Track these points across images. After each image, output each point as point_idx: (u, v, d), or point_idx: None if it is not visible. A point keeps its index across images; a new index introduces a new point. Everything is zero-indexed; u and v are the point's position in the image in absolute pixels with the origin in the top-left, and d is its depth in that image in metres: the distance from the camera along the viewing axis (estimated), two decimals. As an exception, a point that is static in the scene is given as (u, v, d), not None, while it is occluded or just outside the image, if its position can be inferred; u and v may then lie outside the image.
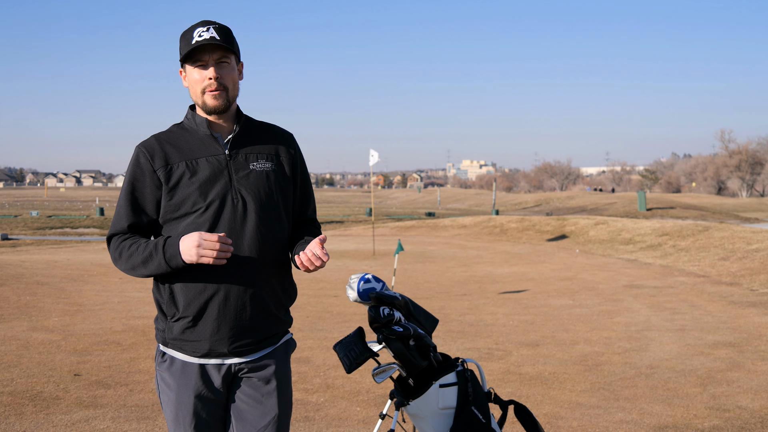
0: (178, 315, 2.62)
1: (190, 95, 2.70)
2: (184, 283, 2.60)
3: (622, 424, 5.33)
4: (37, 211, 49.50)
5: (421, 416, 3.24)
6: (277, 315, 2.73)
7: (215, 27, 2.63)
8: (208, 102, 2.65)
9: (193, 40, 2.60)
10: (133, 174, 2.66)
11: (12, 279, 13.08)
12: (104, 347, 7.68)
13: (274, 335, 2.75)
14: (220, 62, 2.64)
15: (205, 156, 2.66)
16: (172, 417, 2.69)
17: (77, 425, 5.14)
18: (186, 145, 2.68)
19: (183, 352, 2.65)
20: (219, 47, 2.62)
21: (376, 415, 5.48)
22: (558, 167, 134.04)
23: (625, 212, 49.34)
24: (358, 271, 3.51)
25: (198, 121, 2.70)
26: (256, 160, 2.71)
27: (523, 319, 9.77)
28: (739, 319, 9.58)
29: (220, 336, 2.61)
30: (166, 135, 2.72)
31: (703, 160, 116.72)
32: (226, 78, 2.65)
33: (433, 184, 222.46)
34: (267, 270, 2.67)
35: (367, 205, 73.33)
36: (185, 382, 2.64)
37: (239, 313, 2.61)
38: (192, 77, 2.66)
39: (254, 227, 2.64)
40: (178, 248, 2.52)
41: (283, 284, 2.75)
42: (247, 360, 2.68)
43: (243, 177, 2.67)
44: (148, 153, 2.65)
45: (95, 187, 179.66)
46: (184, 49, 2.63)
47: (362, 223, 37.66)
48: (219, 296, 2.59)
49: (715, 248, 17.58)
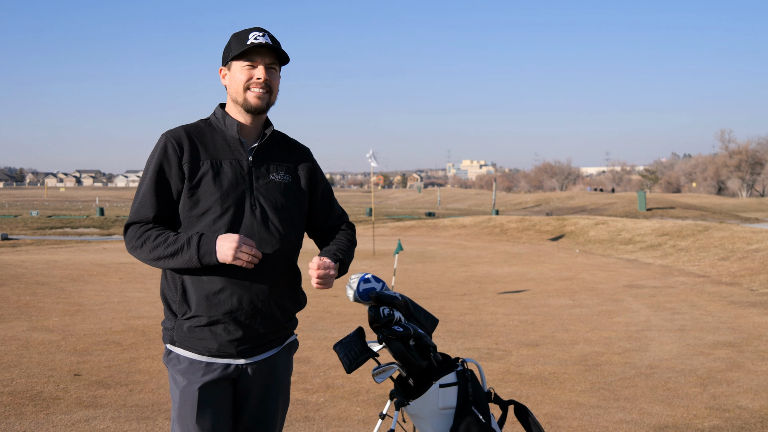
0: (190, 314, 2.64)
1: (230, 93, 2.75)
2: (198, 284, 2.62)
3: (622, 424, 5.33)
4: (37, 211, 49.50)
5: (421, 416, 3.24)
6: (285, 321, 2.78)
7: (270, 35, 2.73)
8: (251, 100, 2.71)
9: (248, 41, 2.67)
10: (160, 162, 2.66)
11: (12, 279, 13.08)
12: (104, 347, 7.68)
13: (280, 337, 2.80)
14: (269, 67, 2.72)
15: (230, 159, 2.70)
16: (177, 414, 2.70)
17: (77, 425, 5.14)
18: (212, 144, 2.72)
19: (191, 350, 2.67)
20: (272, 52, 2.71)
21: (376, 415, 5.48)
22: (558, 167, 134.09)
23: (625, 212, 49.36)
24: (358, 271, 3.51)
25: (228, 123, 2.75)
26: (276, 171, 2.77)
27: (523, 319, 9.77)
28: (739, 319, 9.58)
29: (229, 338, 2.64)
30: (194, 129, 2.74)
31: (703, 160, 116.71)
32: (273, 83, 2.74)
33: (433, 184, 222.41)
34: (279, 278, 2.71)
35: (367, 205, 73.33)
36: (191, 379, 2.66)
37: (250, 318, 2.65)
38: (238, 75, 2.71)
39: (270, 235, 2.68)
40: (214, 246, 2.54)
41: (293, 292, 2.81)
42: (252, 360, 2.72)
43: (263, 186, 2.72)
44: (177, 144, 2.67)
45: (95, 187, 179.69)
46: (238, 48, 2.69)
47: (362, 223, 37.67)
48: (232, 300, 2.62)
49: (715, 248, 17.58)
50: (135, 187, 47.94)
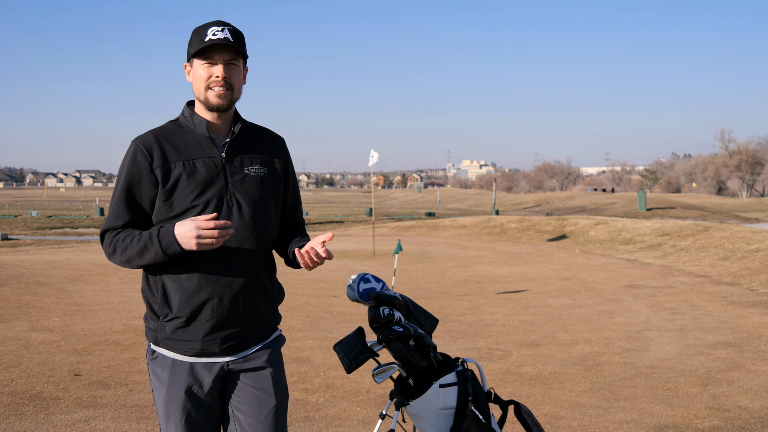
0: (171, 315, 2.64)
1: (193, 91, 2.72)
2: (178, 284, 2.62)
3: (622, 424, 5.33)
4: (37, 211, 49.50)
5: (421, 416, 3.24)
6: (266, 315, 2.77)
7: (230, 29, 2.67)
8: (212, 99, 2.67)
9: (207, 37, 2.63)
10: (129, 171, 2.65)
11: (12, 279, 13.08)
12: (104, 347, 7.68)
13: (264, 333, 2.78)
14: (229, 63, 2.68)
15: (202, 158, 2.67)
16: (163, 412, 2.69)
17: (77, 425, 5.14)
18: (183, 144, 2.69)
19: (175, 351, 2.66)
20: (231, 48, 2.66)
21: (376, 415, 5.47)
22: (558, 167, 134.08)
23: (625, 212, 49.35)
24: (358, 271, 3.51)
25: (197, 122, 2.72)
26: (251, 165, 2.74)
27: (523, 319, 9.77)
28: (739, 319, 9.58)
29: (212, 336, 2.63)
30: (164, 132, 2.71)
31: (703, 160, 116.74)
32: (233, 79, 2.69)
33: (433, 184, 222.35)
34: (259, 272, 2.71)
35: (367, 205, 73.34)
36: (176, 378, 2.65)
37: (232, 315, 2.64)
38: (198, 73, 2.68)
39: (248, 230, 2.68)
40: (173, 236, 2.52)
41: (272, 285, 2.80)
42: (237, 357, 2.70)
43: (238, 181, 2.70)
44: (146, 150, 2.64)
45: (95, 187, 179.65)
46: (196, 45, 2.65)
47: (362, 223, 37.66)
48: (213, 298, 2.62)
49: (715, 248, 17.58)
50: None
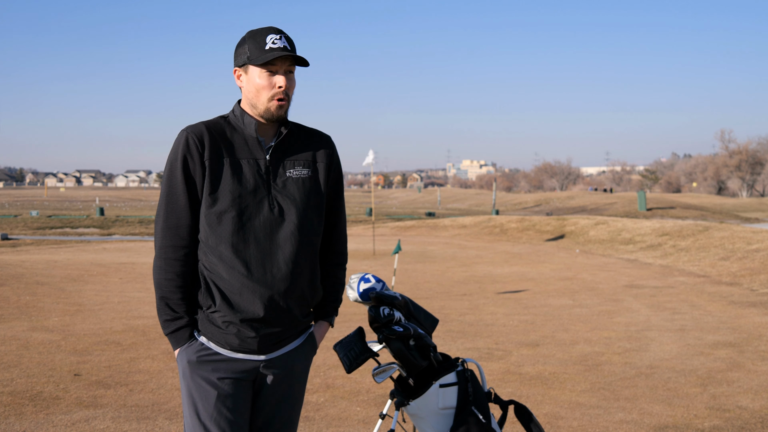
0: (214, 308, 2.67)
1: (250, 97, 2.71)
2: (220, 282, 2.65)
3: (622, 424, 5.33)
4: (37, 211, 49.47)
5: (421, 416, 3.24)
6: (302, 317, 2.79)
7: (286, 37, 2.70)
8: (274, 110, 2.69)
9: (267, 45, 2.64)
10: (184, 154, 2.66)
11: (12, 279, 13.08)
12: (104, 347, 7.68)
13: (298, 332, 2.81)
14: (287, 72, 2.70)
15: (248, 158, 2.70)
16: (190, 403, 2.70)
17: (77, 425, 5.14)
18: (232, 142, 2.72)
19: (214, 342, 2.70)
20: (290, 58, 2.68)
21: (376, 415, 5.48)
22: (558, 167, 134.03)
23: (625, 212, 49.35)
24: (358, 271, 3.51)
25: (246, 122, 2.73)
26: (293, 167, 2.76)
27: (523, 319, 9.77)
28: (739, 319, 9.58)
29: (250, 335, 2.66)
30: (215, 126, 2.74)
31: (703, 160, 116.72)
32: (291, 89, 2.72)
33: (433, 184, 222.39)
34: (300, 276, 2.71)
35: (367, 205, 73.33)
36: (210, 369, 2.68)
37: (271, 317, 2.67)
38: (258, 81, 2.68)
39: (289, 234, 2.69)
40: (175, 349, 2.75)
41: (312, 289, 2.80)
42: (271, 357, 2.73)
43: (280, 184, 2.72)
44: (198, 139, 2.67)
45: (95, 187, 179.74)
46: (257, 53, 2.65)
47: (362, 223, 37.67)
48: (255, 300, 2.64)
49: (715, 248, 17.58)
50: (135, 187, 47.18)
